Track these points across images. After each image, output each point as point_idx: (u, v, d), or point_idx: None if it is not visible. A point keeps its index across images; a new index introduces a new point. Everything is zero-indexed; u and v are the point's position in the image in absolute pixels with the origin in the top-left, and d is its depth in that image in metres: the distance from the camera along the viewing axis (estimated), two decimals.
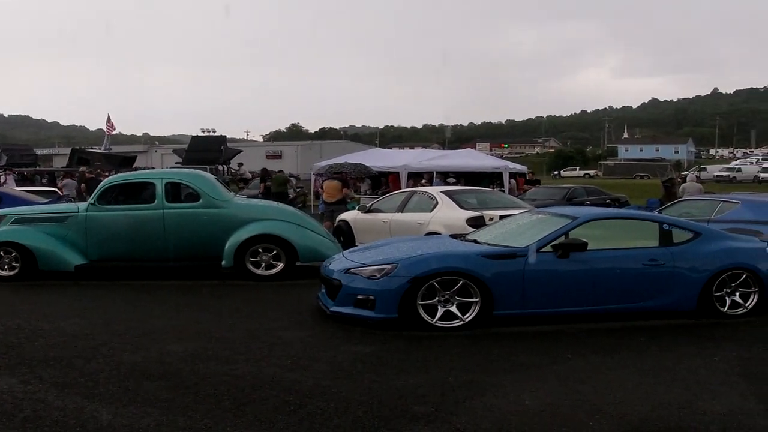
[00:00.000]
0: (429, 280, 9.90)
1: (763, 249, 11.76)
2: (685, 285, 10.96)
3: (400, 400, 7.01)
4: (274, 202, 17.89)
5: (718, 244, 11.40)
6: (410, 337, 9.58)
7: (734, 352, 9.21)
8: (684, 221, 12.36)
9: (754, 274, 11.30)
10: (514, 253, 10.42)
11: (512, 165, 39.52)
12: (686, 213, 16.09)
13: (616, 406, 6.97)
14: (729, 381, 7.96)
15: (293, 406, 6.76)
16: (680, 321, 10.89)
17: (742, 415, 6.82)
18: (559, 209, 13.07)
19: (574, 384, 7.67)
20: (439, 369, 8.12)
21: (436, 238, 12.65)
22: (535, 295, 10.37)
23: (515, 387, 7.51)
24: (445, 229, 14.91)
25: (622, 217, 12.48)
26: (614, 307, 10.81)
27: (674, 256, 11.00)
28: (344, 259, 11.28)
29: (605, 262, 10.73)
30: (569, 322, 10.50)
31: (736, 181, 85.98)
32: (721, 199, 17.23)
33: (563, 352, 9.03)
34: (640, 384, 7.74)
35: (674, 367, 8.49)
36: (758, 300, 11.32)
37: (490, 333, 9.89)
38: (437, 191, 17.99)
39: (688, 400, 7.20)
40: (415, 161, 35.45)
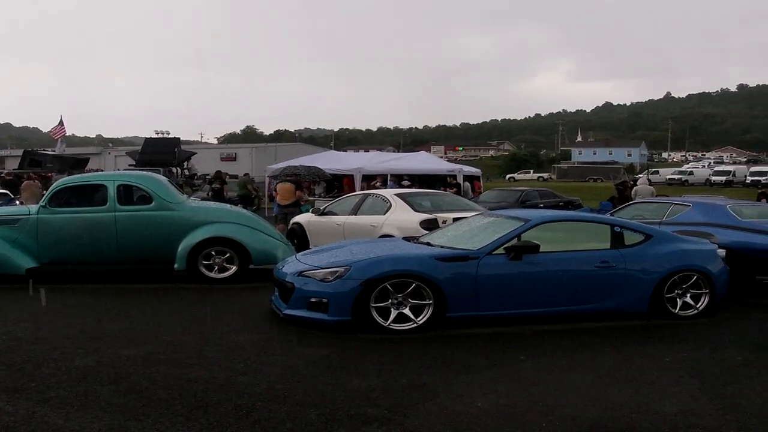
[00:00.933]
0: (382, 283, 9.90)
1: (714, 251, 11.91)
2: (637, 286, 11.07)
3: (353, 402, 7.00)
4: (227, 205, 17.84)
5: (669, 246, 11.52)
6: (364, 339, 9.58)
7: (685, 353, 9.32)
8: (635, 224, 12.46)
9: (705, 276, 11.44)
10: (467, 256, 10.45)
11: (466, 168, 39.69)
12: (638, 215, 16.20)
13: (569, 407, 7.01)
14: (680, 381, 8.04)
15: (246, 410, 6.73)
16: (632, 322, 10.99)
17: (693, 415, 6.88)
18: (512, 212, 13.14)
19: (527, 385, 7.71)
20: (393, 371, 8.12)
21: (390, 241, 12.66)
22: (488, 297, 10.41)
23: (468, 389, 7.53)
24: (399, 232, 14.94)
25: (574, 219, 12.57)
26: (567, 308, 10.88)
27: (626, 258, 11.11)
28: (297, 261, 11.25)
29: (557, 264, 10.81)
30: (522, 323, 10.56)
31: (689, 184, 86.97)
32: (673, 201, 17.38)
33: (516, 353, 9.07)
34: (593, 385, 7.79)
35: (626, 367, 8.56)
36: (709, 301, 11.47)
37: (443, 335, 9.91)
38: (391, 194, 18.00)
39: (640, 401, 7.26)
40: (369, 164, 35.40)
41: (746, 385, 7.97)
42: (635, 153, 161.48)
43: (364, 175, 33.24)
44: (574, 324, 10.73)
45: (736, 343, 9.97)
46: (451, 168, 38.20)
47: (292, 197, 22.58)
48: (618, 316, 11.05)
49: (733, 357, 9.20)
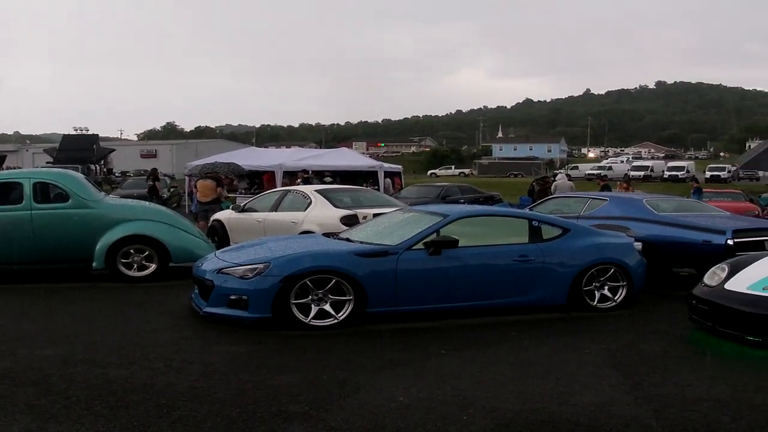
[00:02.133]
0: (302, 279, 9.85)
1: (631, 244, 12.10)
2: (555, 280, 11.19)
3: (274, 400, 6.95)
4: (146, 202, 17.61)
5: (586, 239, 11.68)
6: (284, 336, 9.52)
7: (604, 345, 9.43)
8: (553, 218, 12.60)
9: (622, 269, 11.62)
10: (387, 251, 10.46)
11: (387, 165, 39.79)
12: (557, 210, 16.38)
13: (489, 400, 7.04)
14: (599, 373, 8.12)
15: (166, 409, 6.64)
16: (551, 315, 11.11)
17: (612, 405, 6.96)
18: (431, 207, 13.19)
19: (447, 379, 7.71)
20: (314, 368, 8.08)
21: (309, 237, 12.62)
22: (408, 292, 10.43)
23: (389, 383, 7.52)
24: (320, 228, 14.88)
25: (492, 214, 12.67)
26: (486, 302, 10.94)
27: (544, 251, 11.21)
28: (217, 259, 11.13)
29: (476, 258, 10.86)
30: (443, 318, 10.59)
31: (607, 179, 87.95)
32: (590, 196, 17.63)
33: (437, 348, 9.10)
34: (513, 378, 7.83)
35: (546, 360, 8.64)
36: (626, 293, 11.65)
37: (364, 331, 9.91)
38: (311, 190, 17.97)
39: (560, 393, 7.32)
40: (290, 160, 35.32)
41: (664, 375, 8.08)
42: (555, 149, 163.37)
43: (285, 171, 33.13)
44: (494, 317, 10.79)
45: (654, 334, 10.13)
46: (372, 164, 38.31)
47: (213, 194, 22.42)
48: (537, 309, 11.16)
49: (651, 348, 9.34)
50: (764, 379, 7.94)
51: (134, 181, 43.38)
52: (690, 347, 9.61)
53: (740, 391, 7.52)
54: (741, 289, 9.67)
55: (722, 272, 10.26)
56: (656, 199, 16.72)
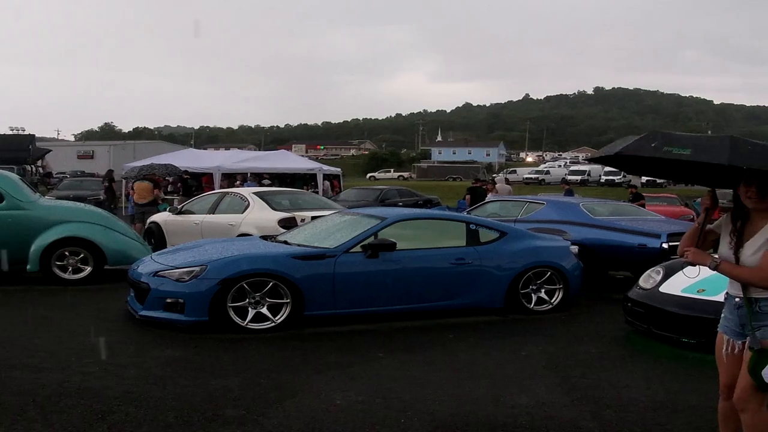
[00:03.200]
0: (239, 282, 9.78)
1: (567, 247, 12.21)
2: (492, 283, 11.26)
3: (211, 403, 6.88)
4: (81, 203, 17.37)
5: (523, 243, 11.76)
6: (222, 339, 9.44)
7: (540, 347, 9.52)
8: (490, 221, 12.68)
9: (559, 272, 11.73)
10: (324, 254, 10.44)
11: (326, 167, 39.81)
12: (494, 213, 16.49)
13: (427, 402, 7.05)
14: (536, 374, 8.20)
15: (102, 414, 6.53)
16: (489, 318, 11.18)
17: (549, 407, 7.02)
18: (369, 210, 13.19)
19: (385, 382, 7.73)
20: (251, 371, 8.04)
21: (247, 240, 12.53)
22: (346, 295, 10.42)
23: (327, 387, 7.49)
24: (257, 231, 14.80)
25: (430, 217, 12.73)
26: (424, 305, 10.98)
27: (481, 255, 11.28)
28: (153, 261, 11.00)
29: (414, 261, 10.91)
30: (381, 321, 10.60)
31: (545, 183, 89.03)
32: (528, 200, 17.76)
33: (375, 351, 9.10)
34: (450, 380, 7.86)
35: (483, 362, 8.70)
36: (563, 296, 11.78)
37: (301, 334, 9.86)
38: (249, 192, 17.84)
39: (497, 394, 7.36)
40: (228, 162, 35.15)
41: (600, 376, 8.19)
42: (494, 153, 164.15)
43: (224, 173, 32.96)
44: (431, 320, 10.82)
45: (591, 336, 10.26)
46: (311, 167, 38.29)
47: (150, 196, 22.19)
48: (475, 312, 11.21)
49: (588, 350, 9.45)
50: (699, 380, 8.04)
51: (70, 182, 42.72)
52: (626, 349, 9.71)
53: (676, 392, 7.64)
54: (675, 291, 9.81)
55: (657, 275, 10.39)
56: (592, 203, 16.93)
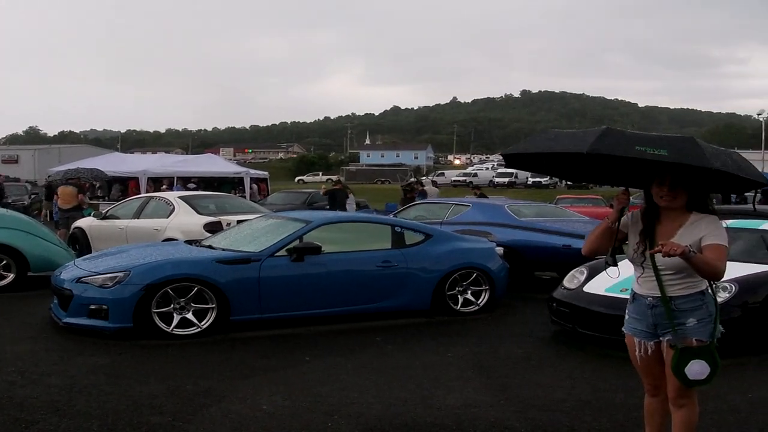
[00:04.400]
0: (163, 288, 9.67)
1: (492, 249, 12.30)
2: (419, 285, 11.31)
3: (136, 411, 6.81)
4: (3, 209, 17.08)
5: (448, 245, 11.83)
6: (147, 346, 9.33)
7: (467, 348, 9.58)
8: (416, 224, 12.74)
9: (485, 273, 11.81)
10: (249, 258, 10.39)
11: (253, 171, 39.64)
12: (421, 216, 16.53)
13: (354, 406, 7.05)
14: (463, 376, 8.25)
15: (25, 424, 6.43)
16: (415, 320, 11.21)
17: (476, 407, 7.06)
18: (294, 213, 13.17)
19: (312, 386, 7.71)
20: (177, 377, 7.96)
21: (171, 245, 12.44)
22: (272, 299, 10.38)
23: (253, 391, 7.46)
24: (183, 235, 14.67)
25: (355, 220, 12.80)
26: (351, 308, 10.98)
27: (407, 257, 11.32)
28: (76, 267, 10.82)
29: (340, 264, 10.91)
30: (307, 324, 10.57)
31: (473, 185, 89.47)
32: (453, 202, 17.87)
33: (302, 354, 9.08)
34: (377, 383, 7.87)
35: (410, 364, 8.71)
36: (489, 297, 11.86)
37: (228, 339, 9.80)
38: (174, 196, 17.74)
39: (424, 396, 7.39)
40: (154, 166, 34.79)
41: (527, 376, 8.27)
42: (422, 156, 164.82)
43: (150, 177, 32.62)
44: (358, 323, 10.83)
45: (516, 336, 10.34)
46: (238, 170, 38.10)
47: (74, 201, 21.85)
48: (402, 315, 11.24)
49: (514, 350, 9.53)
50: (624, 379, 8.12)
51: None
52: (552, 349, 9.80)
53: (601, 390, 7.74)
54: (599, 291, 9.93)
55: (581, 275, 10.51)
56: (518, 205, 17.09)
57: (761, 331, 9.30)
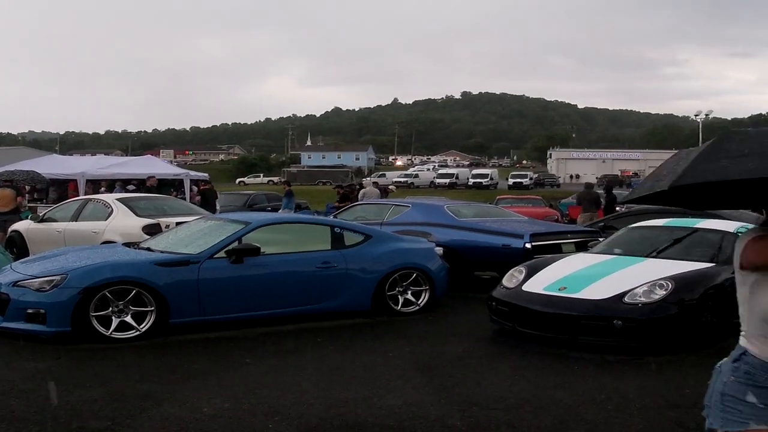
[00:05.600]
0: (101, 291, 9.58)
1: (432, 249, 12.38)
2: (359, 285, 11.35)
3: (75, 416, 6.75)
4: None
5: (388, 245, 11.89)
6: (85, 350, 9.25)
7: (408, 348, 9.62)
8: (355, 224, 12.78)
9: (425, 273, 11.88)
10: (188, 260, 10.33)
11: (193, 173, 39.36)
12: (361, 217, 16.55)
13: (295, 407, 7.05)
14: (404, 375, 8.27)
15: None
16: (356, 320, 11.24)
17: (417, 407, 7.09)
18: (233, 215, 13.16)
19: (253, 388, 7.69)
20: (116, 381, 7.89)
21: (109, 247, 12.31)
22: (212, 301, 10.33)
23: (193, 394, 7.43)
24: (122, 238, 14.53)
25: (295, 221, 12.81)
26: (291, 309, 10.97)
27: (346, 258, 11.35)
28: (12, 271, 10.65)
29: (280, 266, 10.91)
30: (248, 326, 10.54)
31: (414, 186, 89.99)
32: (393, 203, 17.95)
33: (242, 356, 9.06)
34: (318, 384, 7.88)
35: (351, 365, 8.73)
36: (429, 297, 11.94)
37: (167, 342, 9.75)
38: (112, 199, 17.55)
39: (365, 396, 7.41)
40: (93, 168, 34.38)
41: (468, 375, 8.32)
42: (363, 157, 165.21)
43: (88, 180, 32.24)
44: (299, 324, 10.83)
45: (457, 335, 10.41)
46: (178, 172, 37.81)
47: (12, 204, 21.50)
48: (343, 315, 11.27)
49: (454, 349, 9.59)
50: (564, 376, 8.24)
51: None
52: (492, 348, 9.90)
53: (541, 387, 7.81)
54: (538, 290, 10.06)
55: (520, 274, 10.63)
56: (457, 206, 17.21)
57: (697, 327, 9.46)
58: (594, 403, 7.24)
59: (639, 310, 9.25)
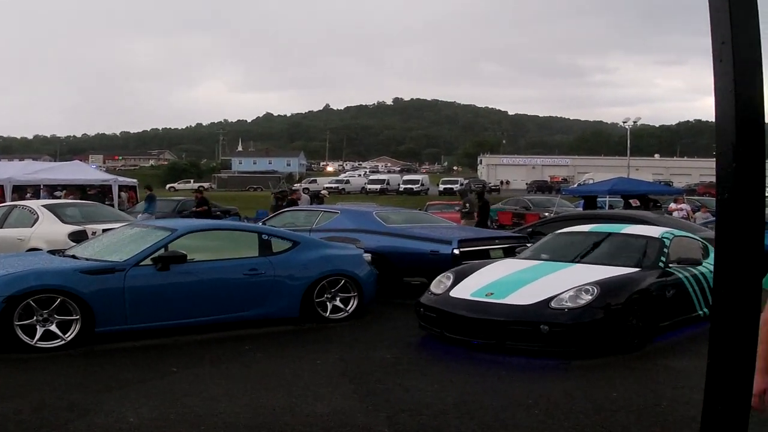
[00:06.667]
0: (25, 299, 9.40)
1: (360, 255, 12.40)
2: (287, 292, 11.33)
3: None
4: None
5: (316, 252, 11.89)
6: (10, 360, 9.08)
7: (336, 355, 9.62)
8: (283, 231, 12.76)
9: (353, 280, 11.90)
10: (114, 268, 10.21)
11: (121, 178, 39.06)
12: (290, 223, 16.53)
13: (222, 415, 7.01)
14: (332, 383, 8.27)
15: None
16: (285, 328, 11.21)
17: (345, 414, 7.09)
18: (160, 222, 13.07)
19: (180, 397, 7.63)
20: (40, 392, 7.78)
21: (34, 255, 12.18)
22: (138, 309, 10.21)
23: (119, 404, 7.33)
24: (47, 245, 14.36)
25: (221, 228, 12.71)
26: (219, 317, 10.91)
27: (274, 265, 11.32)
28: None
29: (207, 273, 10.85)
30: (175, 334, 10.45)
31: (345, 192, 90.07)
32: (322, 209, 17.99)
33: (169, 365, 8.98)
34: (246, 392, 7.84)
35: (279, 372, 8.71)
36: (358, 304, 11.96)
37: (93, 351, 9.62)
38: (38, 205, 17.36)
39: (293, 404, 7.39)
40: (20, 174, 33.92)
41: (396, 381, 8.34)
42: (294, 162, 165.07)
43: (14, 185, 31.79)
44: (227, 332, 10.76)
45: (385, 342, 10.43)
46: (106, 178, 37.50)
47: None
48: (271, 323, 11.23)
49: (383, 356, 9.61)
50: (491, 381, 8.33)
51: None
52: (420, 354, 9.94)
53: (468, 393, 7.86)
54: (465, 296, 10.14)
55: (447, 280, 10.70)
56: (386, 212, 17.26)
57: (623, 332, 9.60)
58: (521, 408, 7.30)
59: (565, 315, 9.37)
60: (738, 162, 2.88)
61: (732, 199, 2.91)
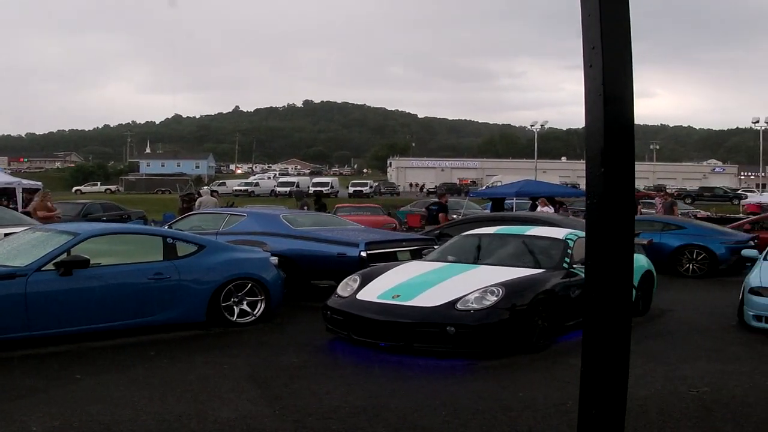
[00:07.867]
0: None
1: (267, 259, 12.35)
2: (193, 297, 11.23)
3: None
4: None
5: (222, 255, 11.81)
6: None
7: (243, 359, 9.59)
8: (188, 234, 12.63)
9: (260, 283, 11.84)
10: (14, 273, 9.95)
11: (26, 181, 38.28)
12: (196, 226, 16.41)
13: (127, 423, 6.94)
14: (238, 387, 8.24)
15: None
16: (191, 332, 11.12)
17: (252, 419, 7.08)
18: (61, 226, 12.82)
19: (83, 405, 7.52)
20: None
21: None
22: (40, 315, 9.96)
23: (21, 413, 7.20)
24: None
25: (126, 232, 12.54)
26: (124, 322, 10.74)
27: (179, 269, 11.20)
28: None
29: (110, 278, 10.65)
30: (80, 341, 10.27)
31: (255, 194, 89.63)
32: (229, 212, 17.89)
33: (73, 372, 8.83)
34: (152, 398, 7.77)
35: (184, 378, 8.65)
36: (265, 307, 11.91)
37: None
38: None
39: (199, 410, 7.35)
40: None
41: (303, 385, 8.36)
42: (203, 165, 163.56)
43: None
44: (132, 338, 10.63)
45: (293, 345, 10.43)
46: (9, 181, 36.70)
47: None
48: (177, 327, 11.12)
49: (290, 359, 9.61)
50: (399, 383, 8.38)
51: None
52: (328, 357, 9.97)
53: (376, 396, 7.91)
54: (372, 298, 10.18)
55: (354, 283, 10.74)
56: (293, 215, 17.26)
57: (529, 331, 9.74)
58: (429, 409, 7.38)
59: (471, 316, 9.47)
60: (606, 167, 2.90)
61: (601, 204, 2.93)
